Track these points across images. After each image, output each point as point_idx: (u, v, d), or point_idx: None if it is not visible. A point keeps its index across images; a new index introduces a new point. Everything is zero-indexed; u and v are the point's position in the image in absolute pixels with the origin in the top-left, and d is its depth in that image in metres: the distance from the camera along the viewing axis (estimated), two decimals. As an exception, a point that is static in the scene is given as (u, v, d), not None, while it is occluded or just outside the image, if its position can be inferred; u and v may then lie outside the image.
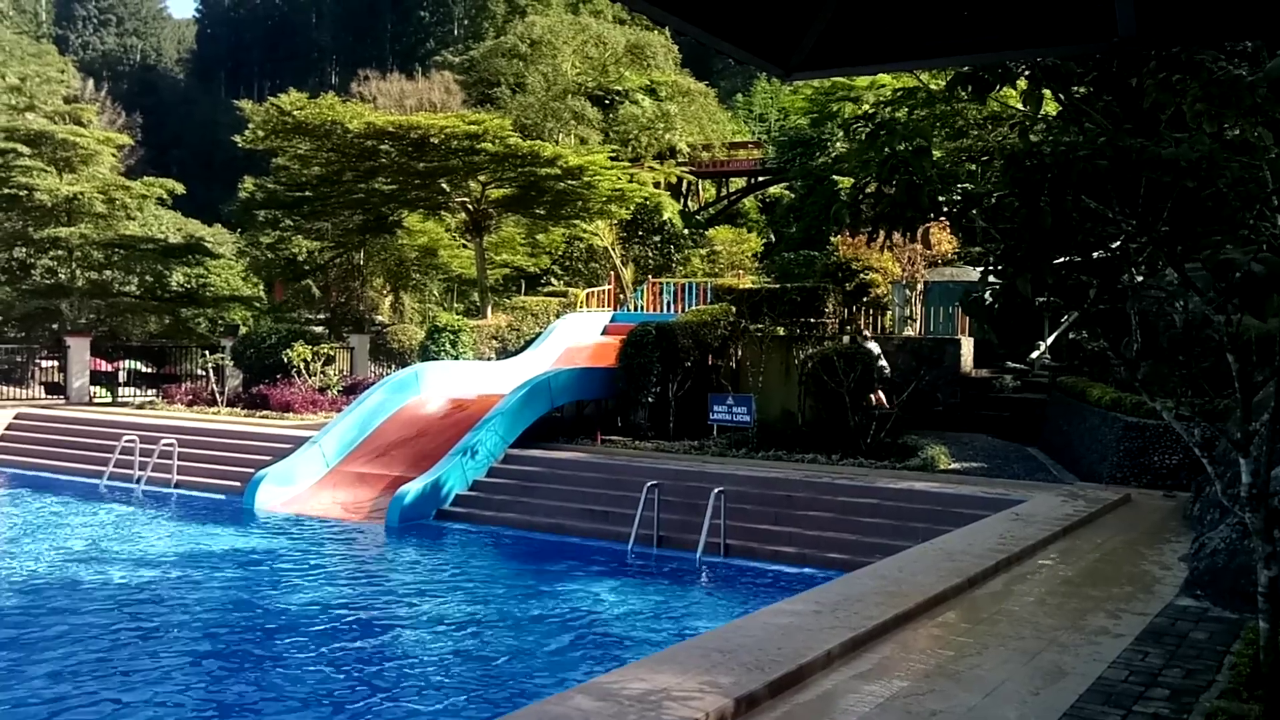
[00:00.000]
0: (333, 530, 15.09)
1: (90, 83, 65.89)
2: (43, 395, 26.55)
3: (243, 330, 29.72)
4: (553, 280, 37.50)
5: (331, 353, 25.62)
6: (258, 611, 10.74)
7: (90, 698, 8.05)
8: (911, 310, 22.36)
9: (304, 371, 23.90)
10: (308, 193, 31.29)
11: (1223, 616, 7.22)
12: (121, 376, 28.80)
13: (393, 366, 26.66)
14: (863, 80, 30.22)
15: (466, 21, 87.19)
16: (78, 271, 33.34)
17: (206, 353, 26.67)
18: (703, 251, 36.24)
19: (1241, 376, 4.83)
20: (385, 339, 29.39)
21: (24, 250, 34.11)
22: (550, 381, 18.59)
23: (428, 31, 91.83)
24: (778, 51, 4.29)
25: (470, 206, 29.82)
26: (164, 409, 23.93)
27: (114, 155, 36.32)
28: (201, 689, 8.37)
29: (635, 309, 30.00)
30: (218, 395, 24.42)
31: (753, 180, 48.69)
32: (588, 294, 31.72)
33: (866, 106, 24.68)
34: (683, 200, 46.51)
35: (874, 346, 18.15)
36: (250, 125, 29.66)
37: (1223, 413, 5.74)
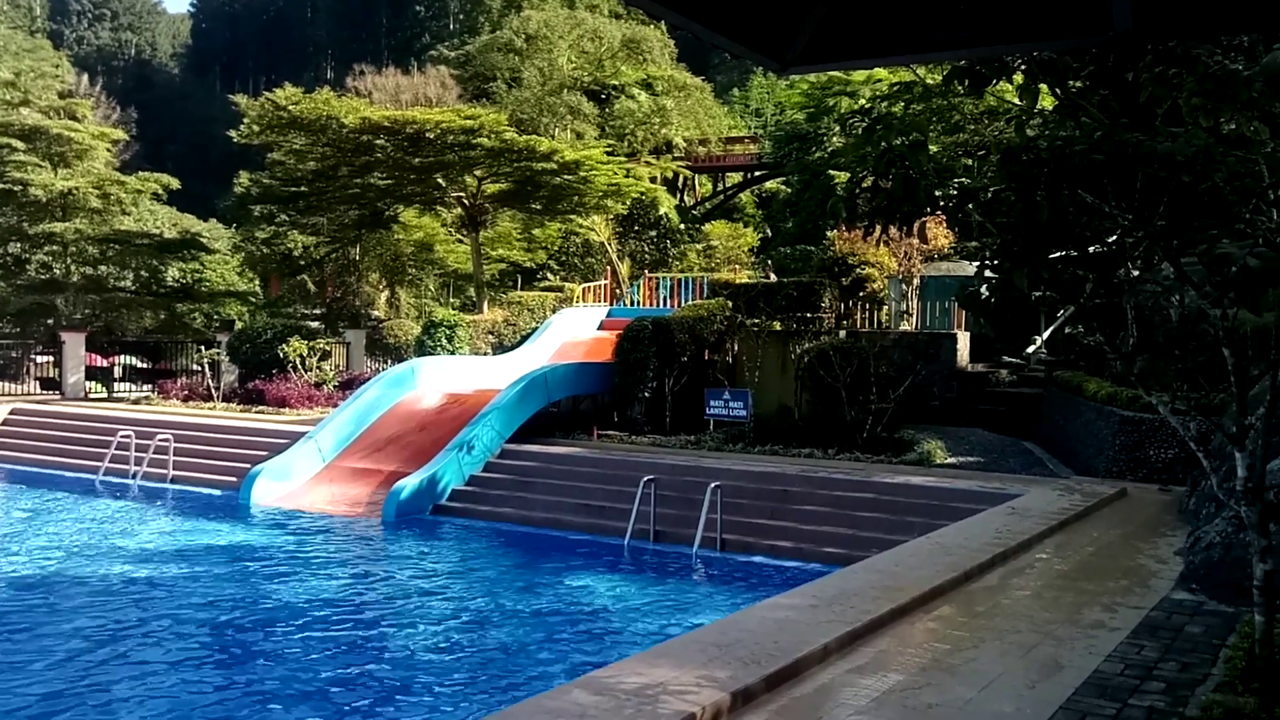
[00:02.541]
0: (329, 525, 15.08)
1: (85, 78, 65.58)
2: (38, 391, 26.49)
3: (238, 325, 29.69)
4: (549, 275, 37.43)
5: (327, 348, 25.58)
6: (254, 606, 10.74)
7: (87, 693, 8.04)
8: (908, 305, 22.37)
9: (300, 367, 23.88)
10: (303, 188, 31.20)
11: (1218, 610, 7.24)
12: (117, 372, 28.76)
13: (389, 362, 26.61)
14: (859, 75, 30.18)
15: (462, 16, 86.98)
16: (73, 267, 33.25)
17: (202, 348, 26.61)
18: (699, 246, 36.22)
19: (1237, 371, 4.83)
20: (381, 334, 29.33)
21: (19, 245, 33.99)
22: (547, 377, 18.59)
23: (423, 26, 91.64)
24: (773, 46, 4.29)
25: (466, 201, 29.77)
26: (160, 404, 23.90)
27: (109, 150, 36.22)
28: (198, 683, 8.36)
29: (631, 304, 30.01)
30: (213, 390, 24.39)
31: (749, 175, 48.65)
32: (584, 289, 31.70)
33: (863, 101, 24.69)
34: (679, 195, 46.46)
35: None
36: (245, 120, 29.60)
37: (1218, 407, 5.75)
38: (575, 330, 25.09)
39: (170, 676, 8.51)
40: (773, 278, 25.55)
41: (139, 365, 30.31)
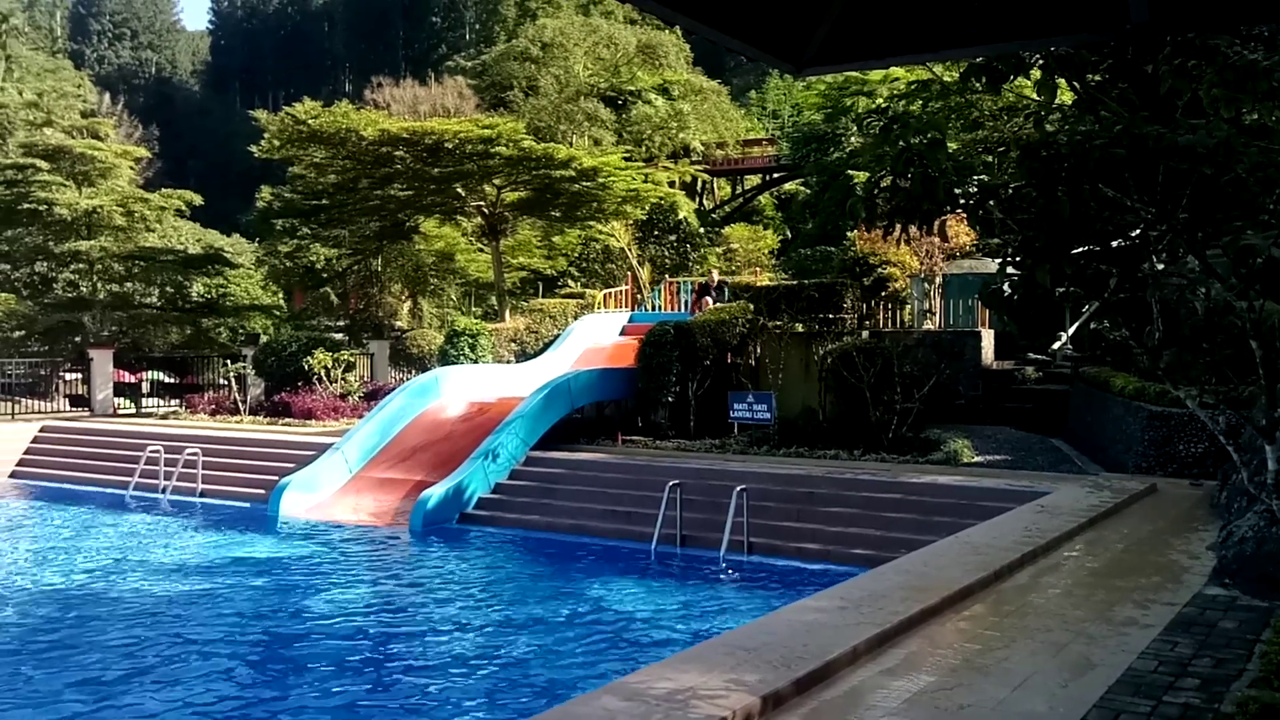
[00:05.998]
0: (357, 536, 15.16)
1: (106, 96, 66.29)
2: (67, 408, 26.76)
3: (263, 339, 29.87)
4: (570, 282, 37.53)
5: (352, 359, 25.72)
6: (285, 618, 10.80)
7: (120, 707, 8.11)
8: (930, 304, 22.27)
9: (325, 378, 24.02)
10: (324, 201, 31.43)
11: (1252, 604, 7.16)
12: (145, 387, 29.01)
13: (412, 371, 26.75)
14: (876, 74, 30.08)
15: (478, 26, 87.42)
16: (99, 284, 33.59)
17: (228, 362, 26.82)
18: (719, 250, 36.22)
19: (1265, 363, 4.79)
20: (404, 344, 29.49)
21: (45, 264, 34.36)
22: (570, 383, 18.61)
23: (439, 37, 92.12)
24: (789, 48, 4.29)
25: (486, 210, 29.89)
26: (187, 419, 24.10)
27: (132, 168, 36.55)
28: (230, 696, 8.42)
29: (653, 309, 30.02)
30: (240, 404, 24.57)
31: (767, 177, 48.62)
32: (605, 295, 31.73)
33: (880, 101, 24.59)
34: (698, 199, 46.51)
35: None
36: (266, 135, 29.83)
37: (1247, 400, 5.70)
38: (597, 336, 25.11)
39: (203, 689, 8.56)
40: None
41: (166, 380, 30.57)
